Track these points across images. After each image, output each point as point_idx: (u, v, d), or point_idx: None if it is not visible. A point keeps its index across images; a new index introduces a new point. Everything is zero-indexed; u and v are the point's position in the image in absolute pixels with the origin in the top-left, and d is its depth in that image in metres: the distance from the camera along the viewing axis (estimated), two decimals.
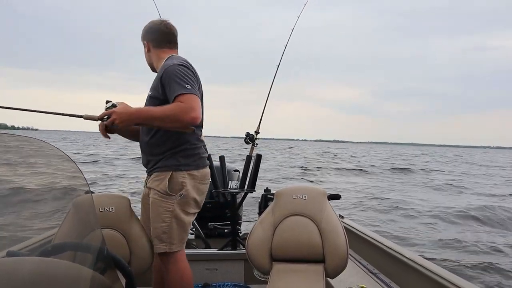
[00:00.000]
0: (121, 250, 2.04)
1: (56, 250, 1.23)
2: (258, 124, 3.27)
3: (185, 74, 1.94)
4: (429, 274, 2.31)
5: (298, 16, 3.49)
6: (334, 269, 2.13)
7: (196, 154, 2.07)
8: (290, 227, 2.19)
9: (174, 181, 2.00)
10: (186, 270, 2.10)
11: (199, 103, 1.93)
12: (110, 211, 2.08)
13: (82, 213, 1.39)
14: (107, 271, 1.38)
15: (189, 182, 2.03)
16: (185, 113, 1.86)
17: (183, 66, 1.97)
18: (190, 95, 1.89)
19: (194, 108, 1.87)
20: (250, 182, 3.20)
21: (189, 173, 2.03)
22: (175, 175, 2.01)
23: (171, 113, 1.87)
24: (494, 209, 10.06)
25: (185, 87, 1.89)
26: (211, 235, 3.63)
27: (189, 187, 2.02)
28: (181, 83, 1.90)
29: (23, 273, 1.00)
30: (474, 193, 14.41)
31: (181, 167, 2.02)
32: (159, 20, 2.20)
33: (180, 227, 2.04)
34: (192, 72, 2.00)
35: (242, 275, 2.89)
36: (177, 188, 2.01)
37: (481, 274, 5.25)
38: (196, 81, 2.00)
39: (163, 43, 2.16)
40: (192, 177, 2.04)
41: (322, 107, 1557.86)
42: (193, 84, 1.94)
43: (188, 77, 1.94)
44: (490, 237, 7.54)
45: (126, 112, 1.88)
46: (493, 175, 24.37)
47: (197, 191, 2.07)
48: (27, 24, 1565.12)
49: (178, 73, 1.93)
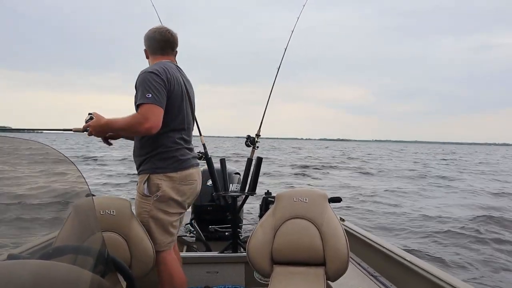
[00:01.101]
0: (122, 253, 2.04)
1: (56, 253, 1.23)
2: (259, 127, 3.27)
3: (151, 81, 2.01)
4: (430, 277, 2.31)
5: (297, 17, 3.49)
6: (335, 272, 2.13)
7: (173, 157, 2.15)
8: (291, 230, 2.18)
9: (151, 183, 2.12)
10: (175, 271, 2.19)
11: (156, 112, 1.99)
12: (111, 214, 2.08)
13: (83, 216, 1.39)
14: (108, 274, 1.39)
15: (166, 183, 2.12)
16: (139, 124, 1.96)
17: (152, 74, 2.04)
18: (148, 105, 1.97)
19: (148, 119, 1.96)
20: (251, 185, 3.20)
21: (167, 175, 2.12)
22: (152, 178, 2.12)
23: (129, 124, 2.01)
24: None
25: (146, 97, 1.98)
26: (212, 238, 3.63)
27: (165, 188, 2.11)
28: (144, 91, 1.99)
29: (23, 276, 1.00)
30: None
31: (157, 170, 2.12)
32: (155, 28, 2.29)
33: (159, 226, 2.13)
34: (161, 79, 2.04)
35: (243, 278, 2.89)
36: (154, 189, 2.11)
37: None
38: (163, 87, 2.05)
39: (156, 50, 2.26)
40: (170, 179, 2.12)
41: (325, 107, 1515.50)
42: (157, 92, 2.00)
43: (153, 85, 2.00)
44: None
45: (98, 125, 2.06)
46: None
47: (176, 192, 2.14)
48: (27, 24, 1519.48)
49: (144, 80, 2.02)
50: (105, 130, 2.10)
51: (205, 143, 3.14)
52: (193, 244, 3.77)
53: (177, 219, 2.22)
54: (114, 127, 2.08)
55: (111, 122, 2.07)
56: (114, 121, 2.07)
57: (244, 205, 3.40)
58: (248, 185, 3.22)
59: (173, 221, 2.19)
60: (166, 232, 2.16)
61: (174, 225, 2.21)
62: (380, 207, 10.11)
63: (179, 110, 2.15)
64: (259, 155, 3.25)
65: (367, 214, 9.14)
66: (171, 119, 2.11)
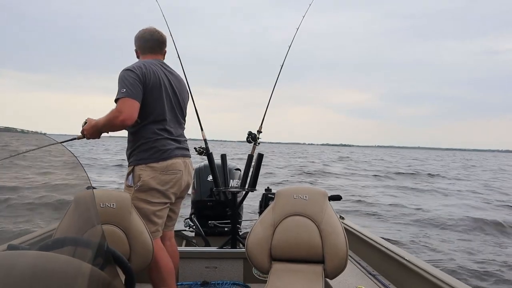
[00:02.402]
0: (121, 246, 2.05)
1: (56, 245, 1.23)
2: (260, 123, 3.27)
3: (126, 78, 2.13)
4: (428, 276, 2.31)
5: (303, 16, 3.48)
6: (334, 270, 2.14)
7: (153, 148, 2.23)
8: (290, 227, 2.19)
9: (134, 174, 2.23)
10: (162, 260, 2.23)
11: (129, 104, 2.10)
12: (111, 207, 2.09)
13: (83, 208, 1.39)
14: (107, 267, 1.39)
15: (146, 173, 2.20)
16: (115, 117, 2.09)
17: (128, 71, 2.16)
18: (122, 100, 2.09)
19: (122, 112, 2.07)
20: (251, 181, 3.20)
21: (148, 165, 2.21)
22: (135, 169, 2.23)
23: (108, 120, 2.13)
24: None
25: (121, 92, 2.10)
26: (211, 233, 3.64)
27: (145, 178, 2.20)
28: (120, 88, 2.12)
29: (22, 266, 1.00)
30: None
31: (140, 161, 2.23)
32: (145, 29, 2.38)
33: (142, 216, 2.17)
34: (135, 74, 2.15)
35: (241, 273, 2.90)
36: (136, 180, 2.22)
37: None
38: (138, 82, 2.15)
39: (146, 49, 2.37)
40: (151, 169, 2.21)
41: (328, 111, 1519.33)
42: (130, 86, 2.11)
43: (128, 80, 2.12)
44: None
45: (89, 127, 2.21)
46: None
47: (158, 181, 2.22)
48: (39, 29, 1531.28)
49: (121, 77, 2.15)
50: (95, 130, 2.20)
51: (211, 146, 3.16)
52: (192, 239, 3.77)
53: (160, 208, 2.27)
54: (99, 126, 2.18)
55: (97, 122, 2.19)
56: (99, 120, 2.18)
57: (244, 201, 3.40)
58: (249, 181, 3.22)
59: (156, 211, 2.25)
60: (149, 222, 2.21)
61: (158, 215, 2.26)
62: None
63: (158, 102, 2.24)
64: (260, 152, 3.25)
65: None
66: (150, 111, 2.22)
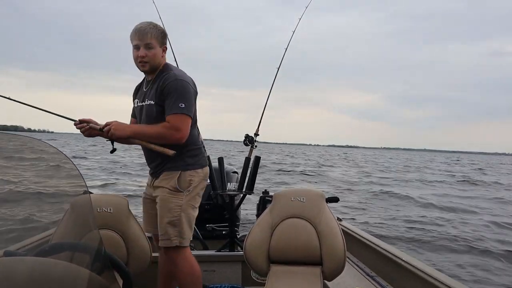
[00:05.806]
0: (119, 250, 2.04)
1: (53, 250, 1.23)
2: (257, 126, 3.27)
3: (186, 91, 2.08)
4: (426, 277, 2.31)
5: (299, 18, 3.50)
6: (332, 271, 2.13)
7: (200, 154, 2.23)
8: (288, 229, 2.19)
9: (182, 179, 2.14)
10: (196, 266, 2.20)
11: (187, 122, 2.08)
12: (108, 212, 2.08)
13: (80, 213, 1.38)
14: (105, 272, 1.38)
15: (195, 179, 2.17)
16: (171, 134, 2.05)
17: (186, 83, 2.10)
18: (181, 116, 2.05)
19: (180, 130, 2.05)
20: (249, 184, 3.19)
21: (196, 171, 2.17)
22: (183, 174, 2.15)
23: (160, 134, 2.07)
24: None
25: (179, 106, 2.05)
26: (209, 237, 3.63)
27: (196, 184, 2.17)
28: (178, 101, 2.05)
29: (20, 273, 1.00)
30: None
31: (188, 166, 2.17)
32: (154, 23, 2.19)
33: (187, 221, 2.14)
34: (193, 90, 2.13)
35: (240, 277, 2.89)
36: (185, 185, 2.14)
37: None
38: (194, 98, 2.13)
39: (162, 45, 2.19)
40: (198, 174, 2.18)
41: (334, 113, 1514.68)
42: (188, 103, 2.07)
43: (188, 94, 2.08)
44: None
45: (121, 127, 2.08)
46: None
47: (202, 188, 2.22)
48: (45, 30, 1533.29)
49: (180, 89, 2.07)
50: (127, 132, 2.09)
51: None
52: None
53: (196, 214, 2.26)
54: (140, 134, 2.10)
55: (138, 129, 2.14)
56: (141, 129, 2.13)
57: (241, 204, 3.40)
58: (246, 184, 3.22)
59: (195, 216, 2.23)
60: (190, 228, 2.19)
61: (194, 222, 2.25)
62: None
63: (195, 113, 2.24)
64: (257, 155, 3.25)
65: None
66: (195, 119, 2.21)
